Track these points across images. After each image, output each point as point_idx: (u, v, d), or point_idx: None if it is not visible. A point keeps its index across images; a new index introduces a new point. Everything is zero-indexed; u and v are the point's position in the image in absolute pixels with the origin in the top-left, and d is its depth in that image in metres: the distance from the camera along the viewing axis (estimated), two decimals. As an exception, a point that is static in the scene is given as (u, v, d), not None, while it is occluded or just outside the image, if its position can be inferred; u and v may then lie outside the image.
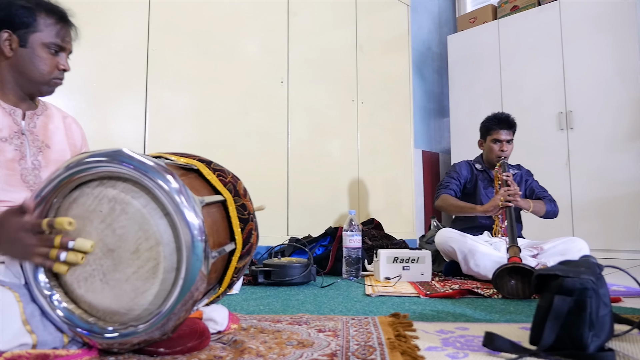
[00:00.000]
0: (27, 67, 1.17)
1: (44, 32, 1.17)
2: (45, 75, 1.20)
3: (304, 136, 3.13)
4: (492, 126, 2.59)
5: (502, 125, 2.56)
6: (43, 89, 1.22)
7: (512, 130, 2.59)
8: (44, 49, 1.18)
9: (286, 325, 1.26)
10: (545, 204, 2.52)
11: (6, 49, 1.16)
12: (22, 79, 1.19)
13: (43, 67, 1.19)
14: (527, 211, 2.46)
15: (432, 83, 4.65)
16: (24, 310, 0.89)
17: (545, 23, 3.80)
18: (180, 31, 2.53)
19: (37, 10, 1.17)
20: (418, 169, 4.28)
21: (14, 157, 1.14)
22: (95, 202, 0.92)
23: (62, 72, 1.23)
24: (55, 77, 1.22)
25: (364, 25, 3.63)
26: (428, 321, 1.36)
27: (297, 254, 2.67)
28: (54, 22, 1.19)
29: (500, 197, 2.28)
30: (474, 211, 2.41)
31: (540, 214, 2.51)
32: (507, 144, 2.56)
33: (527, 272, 1.79)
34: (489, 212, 2.34)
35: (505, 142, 2.55)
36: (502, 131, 2.56)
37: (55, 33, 1.19)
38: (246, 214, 1.13)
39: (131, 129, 2.34)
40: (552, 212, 2.54)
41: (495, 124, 2.58)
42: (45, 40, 1.18)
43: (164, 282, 0.89)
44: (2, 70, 1.18)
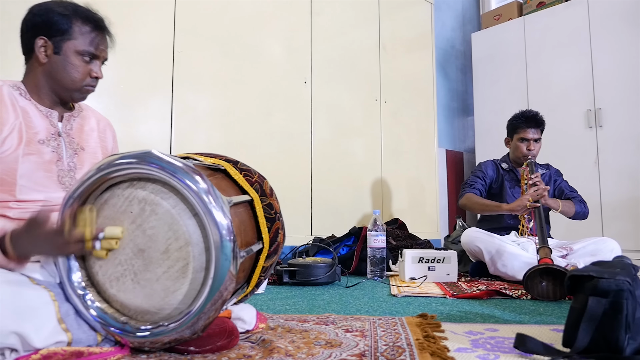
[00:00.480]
0: (60, 73, 1.19)
1: (78, 40, 1.19)
2: (77, 82, 1.21)
3: (327, 136, 3.13)
4: (519, 124, 2.53)
5: (529, 124, 2.50)
6: (75, 95, 1.24)
7: (540, 128, 2.52)
8: (77, 56, 1.19)
9: (313, 325, 1.26)
10: (575, 205, 2.45)
11: (41, 56, 1.18)
12: (55, 85, 1.21)
13: (75, 74, 1.20)
14: (555, 211, 2.40)
15: (455, 81, 4.60)
16: (59, 309, 0.91)
17: (573, 19, 3.71)
18: (205, 33, 2.56)
19: (74, 18, 1.18)
20: (442, 168, 4.23)
21: (51, 158, 1.17)
22: (125, 203, 0.94)
23: (94, 80, 1.24)
24: (87, 84, 1.23)
25: (386, 24, 3.61)
26: (456, 322, 1.34)
27: (321, 253, 2.67)
28: (89, 30, 1.20)
29: (529, 197, 2.23)
30: (499, 209, 2.36)
31: (569, 214, 2.45)
32: (534, 143, 2.49)
33: (559, 273, 1.74)
34: (515, 211, 2.29)
35: (532, 141, 2.49)
36: (530, 130, 2.49)
37: (90, 41, 1.20)
38: (273, 213, 1.13)
39: (158, 129, 2.38)
40: (582, 213, 2.48)
41: (522, 122, 2.51)
42: (79, 48, 1.19)
43: (194, 281, 0.90)
44: (37, 75, 1.20)
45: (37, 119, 1.18)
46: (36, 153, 1.15)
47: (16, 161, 1.11)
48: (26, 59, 1.23)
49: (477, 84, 4.33)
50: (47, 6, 1.19)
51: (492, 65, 4.23)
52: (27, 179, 1.12)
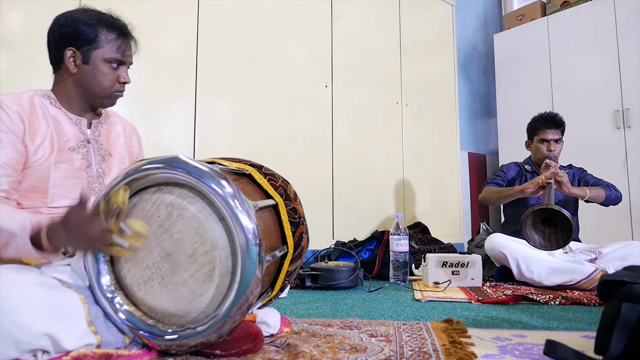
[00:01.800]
0: (90, 82, 1.22)
1: (105, 48, 1.21)
2: (107, 89, 1.24)
3: (348, 139, 3.13)
4: (538, 126, 2.53)
5: (548, 125, 2.49)
6: (105, 101, 1.27)
7: (560, 129, 2.51)
8: (106, 64, 1.22)
9: (337, 329, 1.25)
10: (604, 189, 2.40)
11: (71, 66, 1.21)
12: (85, 93, 1.24)
13: (105, 82, 1.23)
14: (583, 199, 2.36)
15: (478, 83, 4.54)
16: (89, 312, 0.93)
17: (599, 18, 3.64)
18: (227, 38, 2.59)
19: (99, 27, 1.21)
20: (464, 171, 4.18)
21: (81, 165, 1.20)
22: (153, 208, 0.95)
23: (122, 85, 1.28)
24: (117, 90, 1.26)
25: (407, 27, 3.60)
26: (482, 328, 1.32)
27: (343, 257, 2.66)
28: (115, 38, 1.23)
29: (542, 176, 2.24)
30: (512, 192, 2.36)
31: (599, 200, 2.39)
32: (555, 144, 2.48)
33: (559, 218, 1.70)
34: (527, 190, 2.28)
35: (552, 142, 2.48)
36: (549, 130, 2.48)
37: (116, 48, 1.23)
38: (297, 217, 1.14)
39: (182, 134, 2.41)
40: (615, 197, 2.42)
41: (541, 124, 2.51)
42: (107, 56, 1.22)
43: (220, 285, 0.91)
44: (67, 84, 1.23)
45: (68, 127, 1.21)
46: (67, 161, 1.17)
47: (49, 169, 1.14)
48: (55, 68, 1.26)
49: (499, 86, 4.27)
50: (72, 16, 1.21)
51: (515, 67, 4.16)
52: (58, 187, 1.15)
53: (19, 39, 1.94)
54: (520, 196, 2.37)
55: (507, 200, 2.45)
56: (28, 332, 0.84)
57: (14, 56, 1.92)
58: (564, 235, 1.93)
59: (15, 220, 0.97)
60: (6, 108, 1.12)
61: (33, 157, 1.13)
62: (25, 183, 1.13)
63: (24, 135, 1.13)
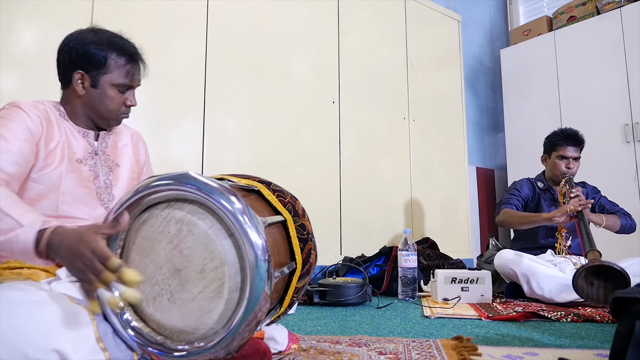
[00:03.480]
0: (97, 105, 1.24)
1: (114, 73, 1.22)
2: (114, 112, 1.25)
3: (355, 155, 3.13)
4: (558, 142, 2.45)
5: (569, 142, 2.42)
6: (111, 123, 1.29)
7: (579, 147, 2.44)
8: (114, 88, 1.23)
9: (346, 346, 1.24)
10: (620, 218, 2.35)
11: (78, 89, 1.22)
12: (92, 114, 1.26)
13: (112, 106, 1.24)
14: (599, 226, 2.30)
15: (485, 98, 4.55)
16: (98, 328, 0.93)
17: (606, 32, 3.64)
18: (235, 56, 2.62)
19: (109, 51, 1.21)
20: (473, 186, 4.16)
21: (88, 177, 1.21)
22: (163, 224, 0.95)
23: (129, 108, 1.29)
24: (122, 113, 1.28)
25: (414, 42, 3.62)
26: (493, 345, 1.30)
27: (351, 273, 2.65)
28: (124, 63, 1.23)
29: (571, 205, 2.14)
30: (539, 218, 2.26)
31: (614, 228, 2.35)
32: (573, 162, 2.42)
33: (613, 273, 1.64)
34: (556, 219, 2.16)
35: (572, 160, 2.41)
36: (570, 147, 2.41)
37: (125, 73, 1.24)
38: (305, 233, 1.14)
39: (190, 150, 2.43)
40: (629, 226, 2.37)
41: (562, 140, 2.43)
42: (115, 81, 1.23)
43: (229, 301, 0.90)
44: (74, 104, 1.25)
45: (76, 139, 1.23)
46: (76, 171, 1.19)
47: (60, 178, 1.15)
48: (63, 86, 1.28)
49: (507, 101, 4.27)
50: (82, 38, 1.22)
51: (522, 81, 4.17)
52: (69, 195, 1.16)
53: (32, 58, 1.98)
54: (546, 224, 2.28)
55: (530, 227, 2.35)
56: (37, 348, 0.84)
57: (27, 75, 1.96)
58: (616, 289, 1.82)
59: (22, 210, 0.96)
60: (27, 110, 1.14)
61: (44, 162, 1.13)
62: (35, 191, 1.14)
63: (41, 139, 1.14)
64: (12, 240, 0.92)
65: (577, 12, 3.89)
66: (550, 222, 2.23)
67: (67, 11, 2.07)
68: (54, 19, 2.03)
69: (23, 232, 0.92)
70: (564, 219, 2.16)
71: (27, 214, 0.95)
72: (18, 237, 0.92)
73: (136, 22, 2.26)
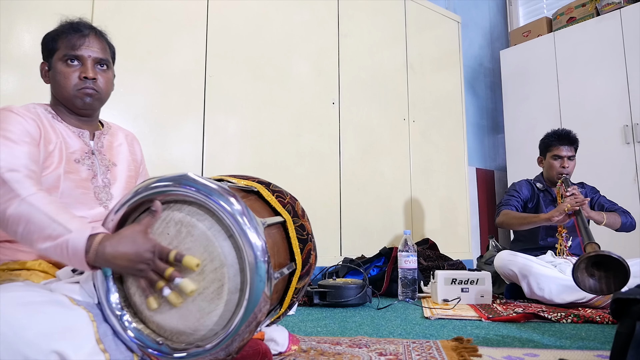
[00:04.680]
0: (56, 87, 1.23)
1: (61, 49, 1.22)
2: (69, 88, 1.21)
3: (355, 156, 3.13)
4: (551, 142, 2.49)
5: (562, 141, 2.46)
6: (76, 102, 1.23)
7: (573, 146, 2.48)
8: (63, 63, 1.22)
9: (346, 347, 1.24)
10: (620, 216, 2.37)
11: (45, 79, 1.27)
12: (59, 100, 1.25)
13: (63, 80, 1.21)
14: (600, 224, 2.32)
15: (485, 99, 4.55)
16: (98, 330, 0.93)
17: (606, 33, 3.65)
18: (235, 57, 2.62)
19: (61, 34, 1.23)
20: (473, 187, 4.16)
21: (87, 176, 1.21)
22: (162, 225, 0.95)
23: (89, 81, 1.21)
24: (80, 87, 1.21)
25: (414, 44, 3.63)
26: (493, 346, 1.30)
27: (351, 274, 2.65)
28: (70, 37, 1.22)
29: (567, 204, 2.16)
30: (538, 219, 2.29)
31: (615, 226, 2.36)
32: (568, 161, 2.45)
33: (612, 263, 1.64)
34: (554, 218, 2.19)
35: (566, 159, 2.45)
36: (563, 147, 2.45)
37: (71, 45, 1.21)
38: (305, 234, 1.14)
39: (190, 151, 2.43)
40: (630, 224, 2.39)
41: (555, 140, 2.48)
42: (61, 54, 1.22)
43: (229, 303, 0.90)
44: (52, 98, 1.27)
45: (72, 139, 1.23)
46: (74, 172, 1.19)
47: (58, 180, 1.15)
48: None
49: (506, 102, 4.27)
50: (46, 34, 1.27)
51: (522, 82, 4.17)
52: (67, 196, 1.16)
53: (32, 59, 1.97)
54: (545, 224, 2.31)
55: (529, 227, 2.38)
56: (37, 349, 0.83)
57: (27, 76, 1.96)
58: (616, 281, 1.81)
59: (74, 218, 0.95)
60: (22, 114, 1.14)
61: (44, 164, 1.13)
62: None
63: (40, 141, 1.14)
64: (62, 246, 0.91)
65: (576, 13, 3.90)
66: (549, 222, 2.25)
67: (67, 12, 2.06)
68: (54, 20, 2.02)
69: (72, 239, 0.91)
70: (562, 218, 2.19)
71: (73, 220, 0.94)
72: (68, 243, 0.91)
73: (136, 23, 2.26)
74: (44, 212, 0.94)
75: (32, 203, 0.95)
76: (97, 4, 2.15)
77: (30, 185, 0.99)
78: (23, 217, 0.94)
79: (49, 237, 0.92)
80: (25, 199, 0.96)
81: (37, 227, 0.93)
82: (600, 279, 1.66)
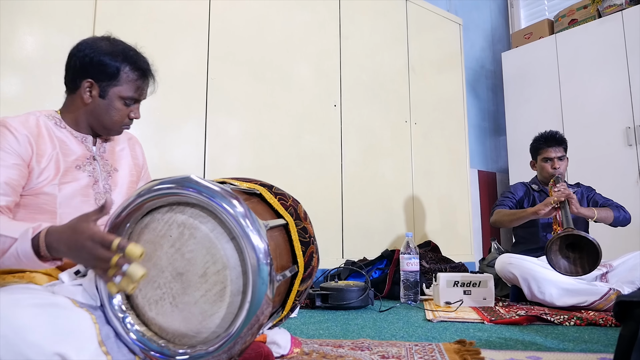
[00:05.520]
0: (102, 115, 1.24)
1: (123, 87, 1.22)
2: (117, 124, 1.26)
3: (357, 158, 3.13)
4: (540, 145, 2.56)
5: (550, 143, 2.52)
6: (112, 133, 1.29)
7: (562, 146, 2.53)
8: (121, 101, 1.23)
9: (348, 350, 1.24)
10: (613, 210, 2.38)
11: (86, 97, 1.22)
12: (95, 123, 1.26)
13: (117, 117, 1.25)
14: (591, 219, 2.34)
15: (486, 101, 4.55)
16: (100, 332, 0.93)
17: (607, 35, 3.64)
18: (237, 60, 2.62)
19: (123, 64, 1.21)
20: (474, 189, 4.16)
21: (88, 182, 1.21)
22: (165, 227, 0.95)
23: (132, 120, 1.29)
24: (125, 124, 1.28)
25: (415, 46, 3.63)
26: (496, 349, 1.30)
27: (353, 277, 2.65)
28: (136, 78, 1.23)
29: (555, 197, 2.21)
30: (526, 214, 2.34)
31: (608, 221, 2.37)
32: (558, 161, 2.50)
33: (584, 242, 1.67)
34: (541, 211, 2.25)
35: (556, 159, 2.50)
36: (551, 149, 2.51)
37: (135, 88, 1.24)
38: (307, 237, 1.13)
39: (192, 154, 2.43)
40: (623, 218, 2.40)
41: (542, 143, 2.54)
42: (124, 94, 1.23)
43: (231, 305, 0.90)
44: (78, 111, 1.24)
45: (74, 146, 1.23)
46: (73, 180, 1.19)
47: (55, 191, 1.15)
48: (68, 91, 1.27)
49: (508, 104, 4.27)
50: (97, 47, 1.21)
51: (523, 84, 4.17)
52: (66, 206, 1.16)
53: (34, 62, 1.98)
54: (533, 217, 2.35)
55: (519, 223, 2.43)
56: (40, 351, 0.83)
57: (29, 79, 1.96)
58: (589, 261, 1.89)
59: (15, 226, 0.98)
60: (14, 131, 1.13)
61: (36, 180, 1.14)
62: (32, 205, 1.14)
63: (31, 159, 1.14)
64: (14, 254, 0.95)
65: (578, 15, 3.90)
66: (537, 215, 2.30)
67: (70, 15, 2.08)
68: (56, 22, 2.04)
69: (20, 245, 0.94)
70: (548, 211, 2.23)
71: (17, 227, 0.97)
72: (17, 250, 0.95)
73: (138, 26, 2.27)
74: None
75: None
76: (99, 6, 2.16)
77: None
78: None
79: (1, 252, 0.96)
80: None
81: None
82: (574, 260, 1.68)
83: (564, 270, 1.70)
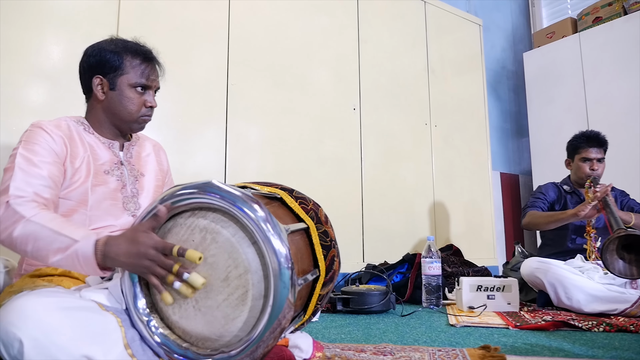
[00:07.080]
0: (118, 107, 1.28)
1: (130, 74, 1.27)
2: (134, 113, 1.29)
3: (377, 161, 3.12)
4: (580, 144, 2.45)
5: (591, 143, 2.41)
6: (133, 126, 1.32)
7: (602, 148, 2.43)
8: (131, 89, 1.28)
9: (370, 355, 1.23)
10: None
11: (99, 93, 1.27)
12: (114, 119, 1.30)
13: (131, 106, 1.28)
14: (628, 224, 2.25)
15: (508, 102, 4.49)
16: (126, 335, 0.94)
17: (633, 32, 3.55)
18: (257, 65, 2.64)
19: (124, 54, 1.27)
20: (497, 191, 4.09)
21: (116, 187, 1.25)
22: (187, 232, 0.96)
23: (149, 109, 1.32)
24: (143, 115, 1.31)
25: (434, 48, 3.60)
26: (522, 355, 1.27)
27: (374, 281, 2.63)
28: (139, 63, 1.28)
29: (593, 197, 2.14)
30: (565, 216, 2.25)
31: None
32: (597, 163, 2.40)
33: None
34: (581, 212, 2.16)
35: (595, 161, 2.40)
36: (592, 149, 2.40)
37: (141, 73, 1.28)
38: (328, 240, 1.13)
39: (213, 159, 2.46)
40: None
41: (583, 142, 2.43)
42: (132, 81, 1.27)
43: (253, 309, 0.91)
44: (97, 111, 1.30)
45: (102, 151, 1.26)
46: (103, 184, 1.22)
47: (86, 193, 1.18)
48: (87, 97, 1.33)
49: (531, 105, 4.20)
50: (99, 46, 1.28)
51: (546, 85, 4.10)
52: (96, 209, 1.20)
53: (60, 71, 2.03)
54: (573, 220, 2.27)
55: (557, 225, 2.34)
56: (68, 353, 0.85)
57: (56, 87, 2.01)
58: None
59: (73, 227, 1.00)
60: (50, 132, 1.18)
61: (71, 180, 1.18)
62: (65, 207, 1.18)
63: (66, 158, 1.19)
64: (73, 256, 0.97)
65: (602, 13, 3.82)
66: (577, 218, 2.22)
67: (93, 25, 2.12)
68: (81, 32, 2.09)
69: (81, 247, 0.96)
70: (589, 212, 2.16)
71: (77, 230, 1.00)
72: (77, 252, 0.97)
73: (160, 34, 2.31)
74: (49, 228, 1.00)
75: (37, 222, 1.01)
76: (122, 16, 2.21)
77: (32, 208, 1.05)
78: (30, 236, 1.00)
79: (58, 250, 0.98)
80: (29, 219, 1.01)
81: (45, 243, 0.99)
82: (630, 262, 1.61)
83: (618, 272, 1.63)
